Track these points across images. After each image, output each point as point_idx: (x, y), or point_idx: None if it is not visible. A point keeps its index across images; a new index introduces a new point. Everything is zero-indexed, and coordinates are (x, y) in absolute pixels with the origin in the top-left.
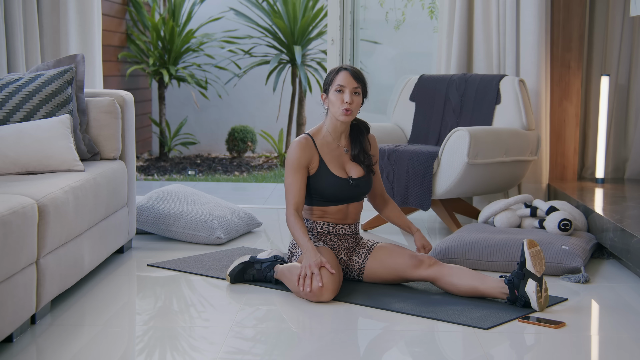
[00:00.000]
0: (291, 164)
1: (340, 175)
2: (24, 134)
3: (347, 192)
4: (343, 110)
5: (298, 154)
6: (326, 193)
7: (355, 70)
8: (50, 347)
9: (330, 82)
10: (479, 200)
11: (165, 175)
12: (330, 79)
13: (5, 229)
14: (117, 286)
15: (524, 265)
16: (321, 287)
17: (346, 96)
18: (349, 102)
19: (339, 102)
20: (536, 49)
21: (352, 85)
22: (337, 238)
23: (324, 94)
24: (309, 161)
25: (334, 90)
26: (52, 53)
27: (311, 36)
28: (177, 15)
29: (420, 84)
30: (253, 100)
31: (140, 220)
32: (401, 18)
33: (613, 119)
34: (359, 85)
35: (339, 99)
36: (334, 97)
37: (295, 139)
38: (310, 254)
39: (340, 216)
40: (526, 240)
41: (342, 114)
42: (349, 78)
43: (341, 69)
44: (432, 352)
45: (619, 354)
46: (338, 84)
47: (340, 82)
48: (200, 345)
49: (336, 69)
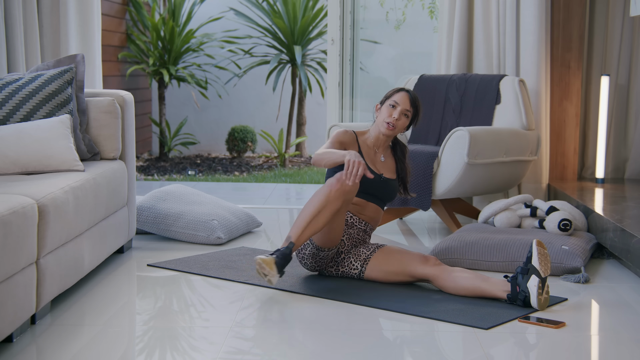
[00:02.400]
0: (334, 139)
1: (373, 169)
2: (24, 134)
3: (375, 186)
4: (387, 123)
5: (343, 136)
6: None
7: (415, 96)
8: (50, 347)
9: (389, 96)
10: (479, 200)
11: (165, 175)
12: (390, 93)
13: (5, 229)
14: (117, 286)
15: (529, 261)
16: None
17: (396, 113)
18: (395, 119)
19: (387, 115)
20: (536, 49)
21: (406, 106)
22: (347, 225)
23: (379, 104)
24: (348, 146)
25: (388, 103)
26: (52, 53)
27: (311, 36)
28: (177, 15)
29: (420, 84)
30: (253, 100)
31: (140, 220)
32: (401, 18)
33: (613, 119)
34: (411, 110)
35: (389, 112)
36: (385, 109)
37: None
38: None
39: (357, 209)
40: (537, 240)
41: (386, 126)
42: (406, 100)
43: (403, 90)
44: (432, 352)
45: (619, 354)
46: (394, 100)
47: (397, 99)
48: (200, 345)
49: (399, 88)
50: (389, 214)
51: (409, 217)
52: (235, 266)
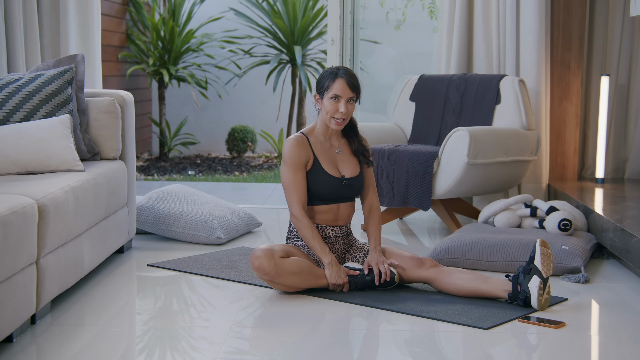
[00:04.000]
0: (291, 163)
1: (334, 174)
2: (24, 134)
3: (340, 191)
4: (336, 120)
5: (297, 152)
6: (319, 191)
7: (351, 78)
8: (50, 347)
9: (326, 87)
10: (479, 200)
11: (165, 175)
12: (326, 84)
13: (5, 229)
14: (117, 286)
15: (532, 261)
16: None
17: (341, 106)
18: (342, 112)
19: (332, 110)
20: (536, 49)
21: (348, 95)
22: (328, 241)
23: (317, 95)
24: (307, 159)
25: (328, 97)
26: (52, 53)
27: (311, 36)
28: (177, 15)
29: (420, 84)
30: (253, 100)
31: (140, 220)
32: (401, 18)
33: (613, 119)
34: (354, 95)
35: (334, 107)
36: (328, 104)
37: (289, 137)
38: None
39: (331, 217)
40: (540, 239)
41: (335, 123)
42: (345, 88)
43: (337, 76)
44: (432, 352)
45: (619, 354)
46: (334, 92)
47: (337, 91)
48: (200, 345)
49: (332, 72)
50: (389, 214)
51: (409, 217)
52: (235, 266)
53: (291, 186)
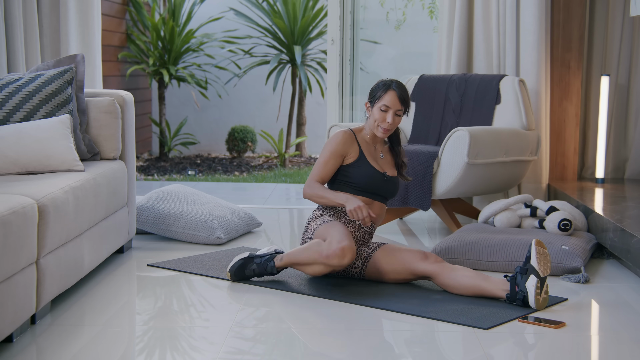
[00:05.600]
0: (333, 149)
1: (377, 168)
2: (24, 134)
3: (380, 185)
4: (383, 129)
5: (341, 142)
6: (361, 182)
7: (402, 92)
8: (50, 347)
9: (377, 97)
10: (479, 200)
11: (165, 175)
12: (378, 94)
13: (5, 229)
14: (117, 286)
15: (528, 261)
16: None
17: (389, 117)
18: (389, 123)
19: (380, 120)
20: (536, 49)
21: (397, 107)
22: (352, 225)
23: (369, 103)
24: (347, 153)
25: (378, 107)
26: (52, 53)
27: (311, 36)
28: (177, 15)
29: (420, 84)
30: (253, 100)
31: (140, 220)
32: (401, 18)
33: (613, 119)
34: (402, 108)
35: (382, 117)
36: (377, 114)
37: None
38: (352, 198)
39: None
40: (536, 239)
41: (381, 132)
42: (395, 100)
43: (390, 88)
44: (432, 352)
45: (619, 354)
46: (384, 104)
47: (387, 102)
48: (200, 345)
49: (385, 84)
50: (389, 214)
51: (409, 217)
52: None
53: (320, 165)
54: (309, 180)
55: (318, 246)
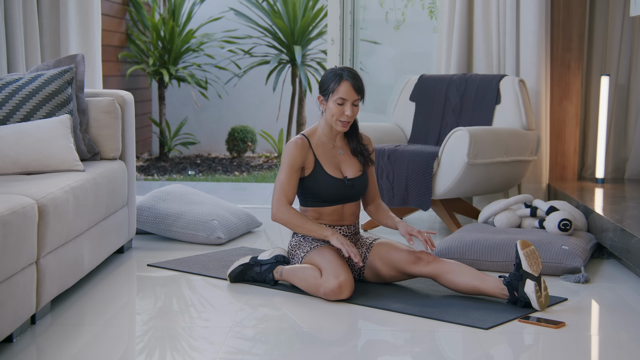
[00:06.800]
0: (289, 163)
1: (336, 175)
2: (24, 134)
3: (343, 192)
4: (342, 122)
5: (295, 154)
6: (322, 193)
7: (356, 80)
8: (50, 347)
9: (331, 90)
10: (479, 200)
11: (165, 175)
12: (331, 86)
13: (5, 229)
14: (117, 286)
15: (520, 267)
16: (341, 286)
17: (347, 109)
18: (348, 115)
19: (338, 114)
20: (536, 49)
21: (353, 98)
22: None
23: (322, 96)
24: (305, 162)
25: (334, 100)
26: (52, 53)
27: (311, 36)
28: (177, 15)
29: (420, 84)
30: (253, 100)
31: (140, 220)
32: (401, 18)
33: (613, 119)
34: (359, 97)
35: (339, 110)
36: (334, 107)
37: (291, 139)
38: (337, 235)
39: (336, 217)
40: (519, 242)
41: (341, 126)
42: (351, 91)
43: (342, 78)
44: (432, 352)
45: (619, 354)
46: (340, 96)
47: (343, 94)
48: (200, 345)
49: (337, 74)
50: None
51: (409, 217)
52: None
53: (281, 185)
54: (277, 202)
55: (315, 280)
